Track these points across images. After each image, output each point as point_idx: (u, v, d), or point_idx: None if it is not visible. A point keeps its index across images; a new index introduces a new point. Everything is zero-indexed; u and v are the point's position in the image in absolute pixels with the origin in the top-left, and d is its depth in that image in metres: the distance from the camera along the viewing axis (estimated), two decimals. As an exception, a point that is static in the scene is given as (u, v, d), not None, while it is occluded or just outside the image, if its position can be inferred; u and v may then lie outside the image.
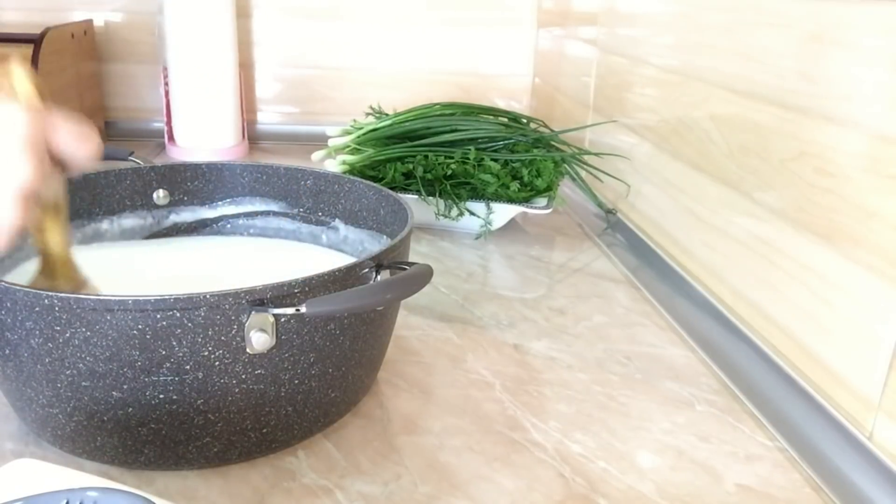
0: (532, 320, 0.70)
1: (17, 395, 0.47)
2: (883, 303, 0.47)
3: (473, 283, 0.78)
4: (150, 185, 0.68)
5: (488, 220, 0.89)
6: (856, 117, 0.50)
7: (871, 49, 0.49)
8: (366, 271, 0.48)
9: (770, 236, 0.60)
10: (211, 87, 1.19)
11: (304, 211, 0.69)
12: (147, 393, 0.43)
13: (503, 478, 0.48)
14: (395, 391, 0.57)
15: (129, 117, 1.35)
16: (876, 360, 0.47)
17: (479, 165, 0.89)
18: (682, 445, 0.52)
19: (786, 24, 0.58)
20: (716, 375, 0.61)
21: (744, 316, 0.64)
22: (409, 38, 1.35)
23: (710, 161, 0.70)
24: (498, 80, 1.38)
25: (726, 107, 0.67)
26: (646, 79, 0.86)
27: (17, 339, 0.43)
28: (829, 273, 0.52)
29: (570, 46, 1.16)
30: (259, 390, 0.45)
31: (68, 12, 1.28)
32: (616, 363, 0.62)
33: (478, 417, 0.54)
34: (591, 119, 1.04)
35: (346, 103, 1.35)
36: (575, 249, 0.89)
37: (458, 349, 0.64)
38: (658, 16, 0.83)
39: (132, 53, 1.33)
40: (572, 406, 0.56)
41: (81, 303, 0.41)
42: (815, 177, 0.54)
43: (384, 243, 0.61)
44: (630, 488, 0.48)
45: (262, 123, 1.38)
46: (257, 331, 0.43)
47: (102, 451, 0.46)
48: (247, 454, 0.48)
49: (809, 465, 0.50)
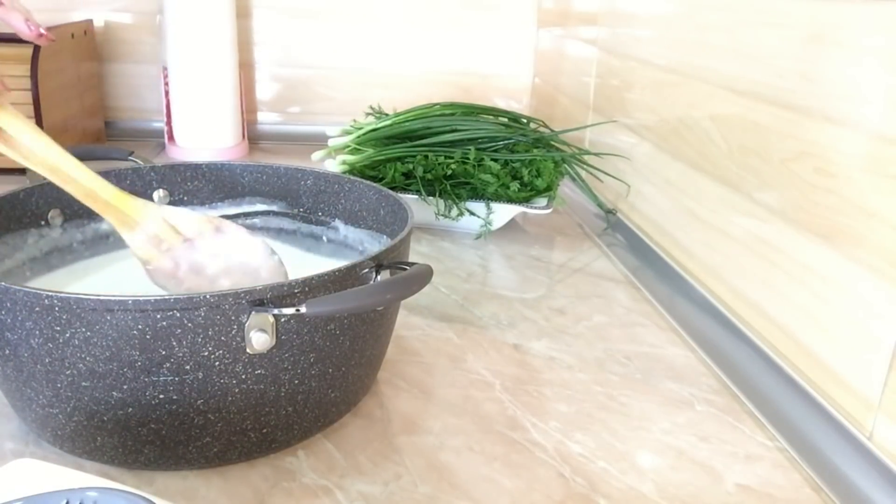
0: (532, 320, 0.70)
1: (17, 395, 0.47)
2: (883, 303, 0.47)
3: (473, 283, 0.78)
4: (150, 185, 0.68)
5: (488, 220, 0.89)
6: (856, 117, 0.50)
7: (872, 49, 0.49)
8: (366, 271, 0.48)
9: (770, 236, 0.60)
10: (211, 87, 1.19)
11: (304, 211, 0.69)
12: (147, 393, 0.43)
13: (503, 478, 0.48)
14: (395, 391, 0.57)
15: (129, 117, 1.35)
16: (876, 360, 0.47)
17: (479, 165, 0.89)
18: (682, 445, 0.52)
19: (786, 24, 0.58)
20: (716, 375, 0.61)
21: (744, 316, 0.64)
22: (409, 38, 1.35)
23: (710, 161, 0.70)
24: (498, 80, 1.38)
25: (726, 107, 0.67)
26: (646, 79, 0.86)
27: (17, 339, 0.43)
28: (829, 273, 0.52)
29: (570, 46, 1.16)
30: (259, 390, 0.45)
31: (68, 12, 1.28)
32: (616, 363, 0.62)
33: (478, 417, 0.54)
34: (591, 119, 1.04)
35: (346, 103, 1.35)
36: (575, 249, 0.89)
37: (458, 349, 0.64)
38: (658, 16, 0.83)
39: (132, 53, 1.33)
40: (572, 406, 0.56)
41: (81, 303, 0.41)
42: (815, 177, 0.54)
43: (384, 243, 0.61)
44: (630, 488, 0.48)
45: (262, 123, 1.38)
46: (257, 331, 0.43)
47: (102, 451, 0.46)
48: (247, 454, 0.48)
49: (809, 465, 0.50)
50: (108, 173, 0.66)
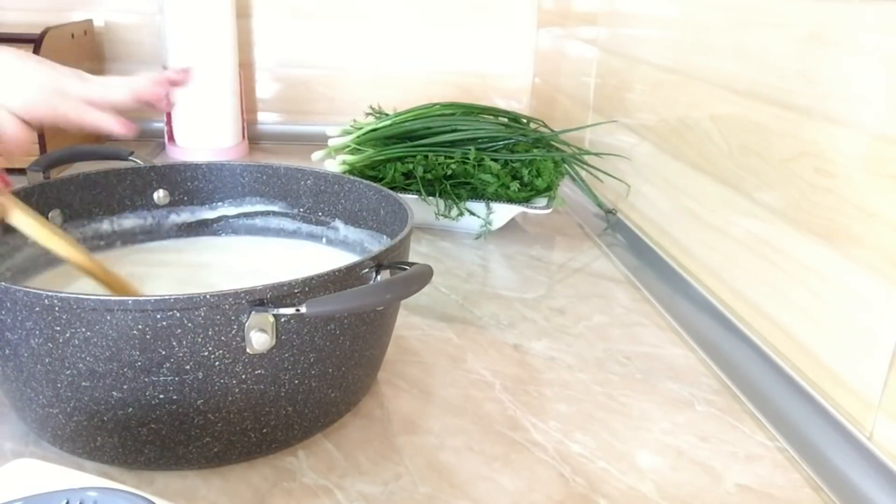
0: (532, 320, 0.70)
1: (17, 395, 0.47)
2: (883, 303, 0.47)
3: (473, 283, 0.78)
4: (150, 185, 0.68)
5: (488, 220, 0.89)
6: (856, 117, 0.50)
7: (872, 49, 0.49)
8: (366, 271, 0.48)
9: (770, 236, 0.60)
10: (211, 87, 1.19)
11: (304, 211, 0.69)
12: (147, 393, 0.43)
13: (503, 478, 0.48)
14: (395, 391, 0.57)
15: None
16: (876, 360, 0.47)
17: (479, 165, 0.89)
18: (682, 445, 0.52)
19: (786, 23, 0.58)
20: (716, 375, 0.61)
21: (744, 316, 0.64)
22: (409, 38, 1.35)
23: (710, 161, 0.70)
24: (498, 80, 1.38)
25: (726, 107, 0.67)
26: (646, 79, 0.86)
27: (17, 339, 0.43)
28: (829, 273, 0.52)
29: (570, 46, 1.16)
30: (259, 390, 0.45)
31: (68, 12, 1.28)
32: (616, 363, 0.62)
33: (478, 417, 0.54)
34: (591, 119, 1.04)
35: (346, 103, 1.35)
36: (575, 249, 0.89)
37: (458, 349, 0.64)
38: (658, 16, 0.83)
39: (132, 53, 1.33)
40: (572, 406, 0.56)
41: (81, 303, 0.41)
42: (815, 177, 0.54)
43: (384, 243, 0.61)
44: (630, 488, 0.48)
45: (262, 123, 1.38)
46: (257, 331, 0.43)
47: (102, 451, 0.46)
48: (247, 454, 0.48)
49: (809, 465, 0.50)
50: (109, 173, 0.66)
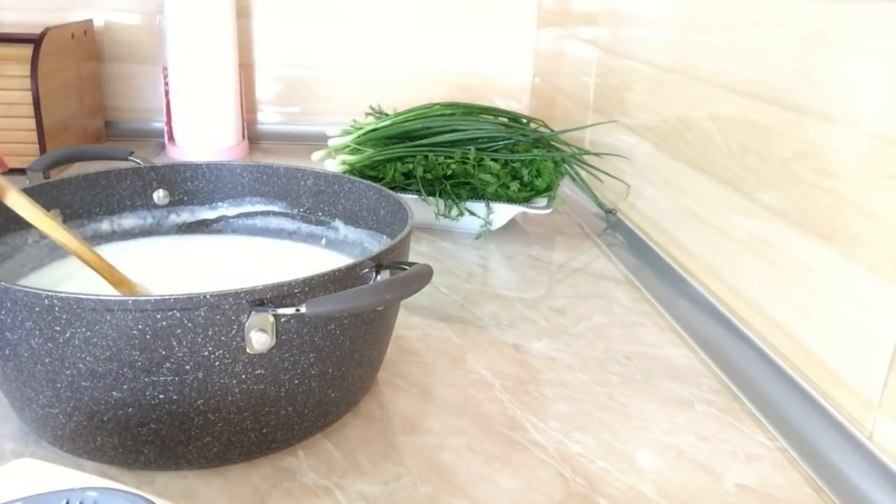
0: (532, 320, 0.70)
1: (17, 395, 0.47)
2: (883, 303, 0.47)
3: (473, 283, 0.78)
4: (150, 185, 0.68)
5: (488, 220, 0.89)
6: (856, 117, 0.50)
7: (872, 49, 0.49)
8: (366, 271, 0.48)
9: (770, 236, 0.60)
10: (211, 87, 1.19)
11: (304, 211, 0.69)
12: (147, 393, 0.43)
13: (503, 478, 0.48)
14: (395, 391, 0.57)
15: (129, 117, 1.35)
16: (876, 360, 0.47)
17: (479, 165, 0.89)
18: (682, 445, 0.52)
19: (786, 24, 0.58)
20: (716, 375, 0.61)
21: (744, 316, 0.64)
22: (409, 38, 1.34)
23: (710, 161, 0.70)
24: (498, 80, 1.38)
25: (726, 107, 0.67)
26: (646, 79, 0.86)
27: (17, 339, 0.43)
28: (830, 273, 0.52)
29: (570, 46, 1.16)
30: (259, 390, 0.45)
31: (68, 12, 1.28)
32: (616, 363, 0.62)
33: (478, 417, 0.54)
34: (591, 119, 1.04)
35: (346, 103, 1.35)
36: (575, 249, 0.89)
37: (458, 349, 0.64)
38: (658, 16, 0.83)
39: (132, 53, 1.33)
40: (572, 406, 0.56)
41: (81, 303, 0.41)
42: (815, 177, 0.54)
43: (384, 243, 0.61)
44: (630, 488, 0.48)
45: (262, 123, 1.38)
46: (257, 331, 0.43)
47: (102, 451, 0.46)
48: (247, 454, 0.48)
49: (809, 465, 0.50)
50: (109, 173, 0.66)
